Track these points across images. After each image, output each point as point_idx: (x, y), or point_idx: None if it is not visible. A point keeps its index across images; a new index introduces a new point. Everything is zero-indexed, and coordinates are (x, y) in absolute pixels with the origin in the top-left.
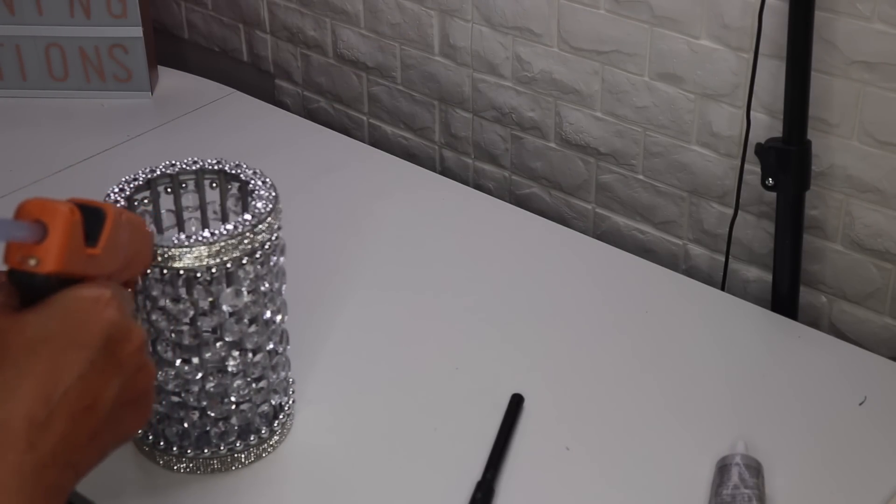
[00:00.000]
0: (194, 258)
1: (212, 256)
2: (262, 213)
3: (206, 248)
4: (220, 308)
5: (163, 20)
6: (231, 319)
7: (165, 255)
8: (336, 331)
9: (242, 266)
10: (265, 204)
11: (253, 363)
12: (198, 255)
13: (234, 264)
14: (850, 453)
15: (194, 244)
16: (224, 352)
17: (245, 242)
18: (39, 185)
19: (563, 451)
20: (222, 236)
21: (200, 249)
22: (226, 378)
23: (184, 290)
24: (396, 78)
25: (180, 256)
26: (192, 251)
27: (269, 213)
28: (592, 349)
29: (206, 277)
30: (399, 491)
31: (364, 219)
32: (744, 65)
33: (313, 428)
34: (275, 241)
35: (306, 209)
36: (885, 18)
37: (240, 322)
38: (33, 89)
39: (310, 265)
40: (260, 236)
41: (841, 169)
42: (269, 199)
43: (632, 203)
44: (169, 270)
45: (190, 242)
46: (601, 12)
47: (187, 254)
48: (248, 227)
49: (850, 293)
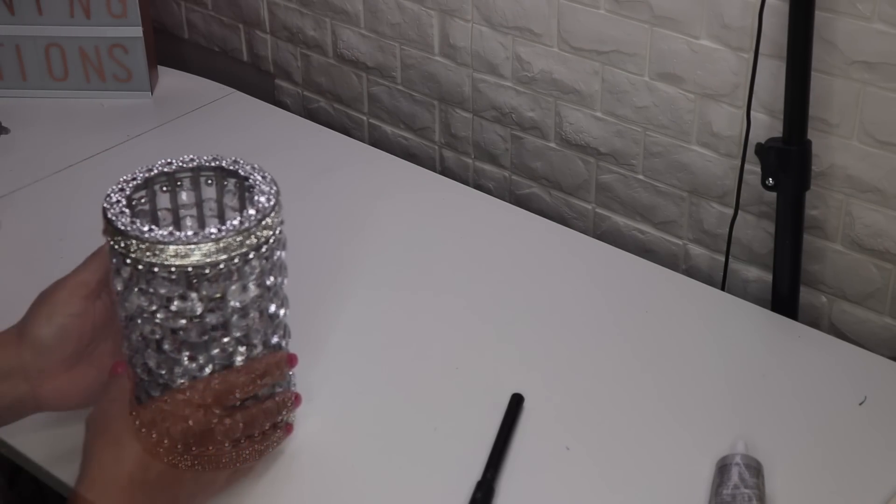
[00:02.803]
0: (202, 255)
1: (220, 252)
2: (266, 208)
3: (213, 244)
4: (228, 303)
5: (163, 20)
6: (237, 315)
7: (174, 254)
8: (336, 330)
9: (249, 261)
10: (268, 198)
11: (258, 357)
12: (206, 251)
13: (241, 259)
14: (850, 453)
15: (202, 241)
16: (231, 347)
17: (251, 238)
18: (39, 185)
19: (563, 451)
20: (229, 232)
21: (208, 246)
22: None
23: (191, 286)
24: (396, 78)
25: (188, 254)
26: (200, 248)
27: (272, 207)
28: (592, 349)
29: (213, 273)
30: (399, 491)
31: (364, 219)
32: (744, 65)
33: (313, 427)
34: (279, 234)
35: (306, 209)
36: (885, 18)
37: (246, 317)
38: (33, 89)
39: (310, 265)
40: (265, 231)
41: (841, 169)
42: (270, 194)
43: (632, 203)
44: (177, 269)
45: (198, 239)
46: (601, 12)
47: (195, 251)
48: (253, 222)
49: (850, 293)
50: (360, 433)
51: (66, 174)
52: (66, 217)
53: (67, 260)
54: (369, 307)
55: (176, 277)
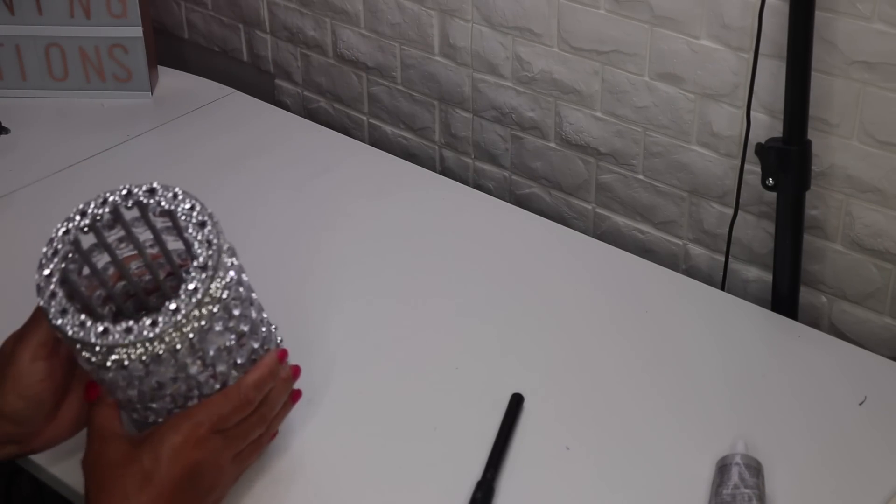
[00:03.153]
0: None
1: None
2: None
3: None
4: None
5: (163, 20)
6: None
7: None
8: (336, 331)
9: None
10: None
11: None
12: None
13: (196, 333)
14: (850, 453)
15: (138, 339)
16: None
17: (195, 314)
18: (39, 185)
19: (563, 450)
20: (166, 324)
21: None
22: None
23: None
24: (396, 78)
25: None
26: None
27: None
28: (592, 349)
29: (166, 353)
30: (399, 491)
31: (364, 219)
32: (744, 65)
33: (313, 427)
34: (231, 282)
35: (306, 209)
36: (885, 18)
37: (229, 355)
38: (33, 89)
39: (310, 265)
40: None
41: (841, 169)
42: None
43: (632, 203)
44: (131, 362)
45: (133, 338)
46: (601, 12)
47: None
48: (191, 304)
49: (850, 293)
50: (360, 433)
51: (66, 174)
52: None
53: None
54: (369, 307)
55: (131, 371)
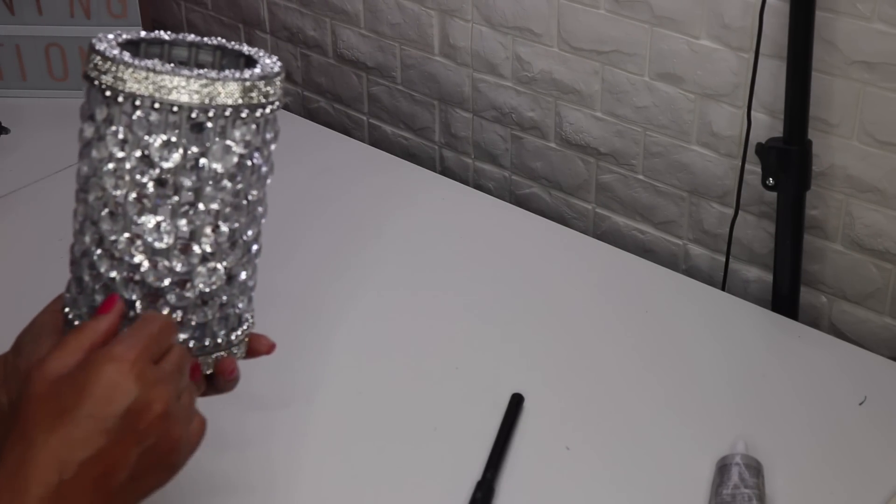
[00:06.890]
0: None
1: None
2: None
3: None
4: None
5: (163, 20)
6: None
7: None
8: (336, 330)
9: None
10: (273, 63)
11: (222, 249)
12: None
13: (232, 113)
14: (850, 453)
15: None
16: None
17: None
18: (39, 185)
19: (563, 450)
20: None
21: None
22: (192, 258)
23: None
24: (396, 78)
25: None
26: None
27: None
28: (592, 349)
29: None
30: (399, 491)
31: (364, 219)
32: (744, 65)
33: (313, 427)
34: (276, 109)
35: (306, 209)
36: (885, 18)
37: (221, 190)
38: (33, 89)
39: (310, 265)
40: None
41: (841, 169)
42: (275, 64)
43: (632, 203)
44: (162, 105)
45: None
46: (601, 12)
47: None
48: (256, 77)
49: (850, 293)
50: (359, 433)
51: (66, 174)
52: (66, 217)
53: (67, 260)
54: (369, 307)
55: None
